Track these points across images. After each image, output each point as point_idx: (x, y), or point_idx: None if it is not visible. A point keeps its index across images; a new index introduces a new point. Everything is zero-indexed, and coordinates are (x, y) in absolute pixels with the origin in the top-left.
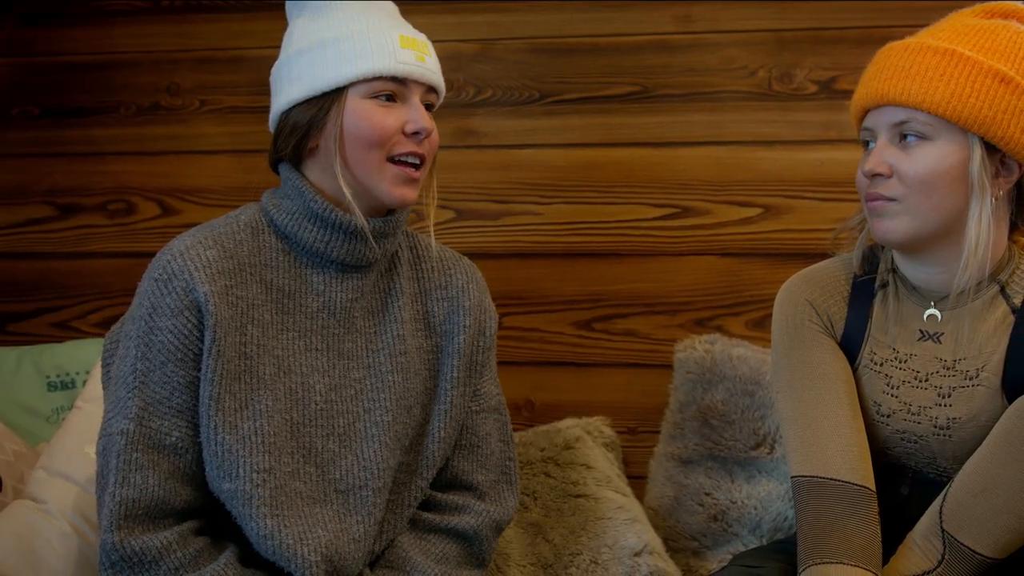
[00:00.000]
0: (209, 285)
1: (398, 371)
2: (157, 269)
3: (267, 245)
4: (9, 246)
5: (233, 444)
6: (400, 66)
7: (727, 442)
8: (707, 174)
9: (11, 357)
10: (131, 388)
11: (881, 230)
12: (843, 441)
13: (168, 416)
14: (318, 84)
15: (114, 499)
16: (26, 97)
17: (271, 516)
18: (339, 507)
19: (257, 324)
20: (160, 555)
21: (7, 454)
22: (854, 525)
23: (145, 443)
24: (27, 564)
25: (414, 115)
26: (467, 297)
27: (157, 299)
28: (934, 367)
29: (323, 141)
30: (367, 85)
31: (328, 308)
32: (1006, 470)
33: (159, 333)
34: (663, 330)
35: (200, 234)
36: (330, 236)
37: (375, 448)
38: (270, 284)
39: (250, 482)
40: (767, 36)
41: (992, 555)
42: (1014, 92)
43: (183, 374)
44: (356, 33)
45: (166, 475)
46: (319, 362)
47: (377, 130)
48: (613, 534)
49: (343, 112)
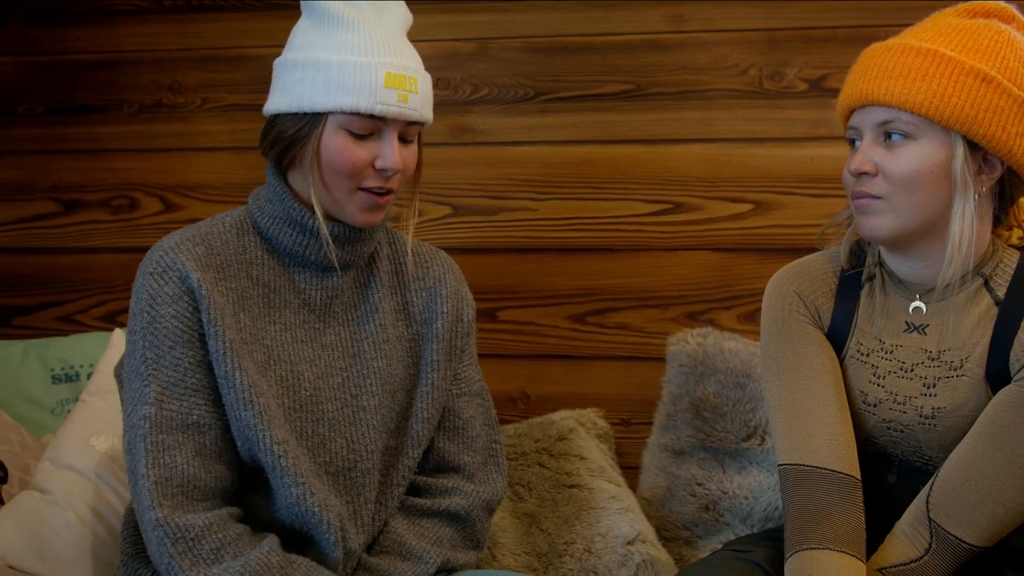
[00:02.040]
0: (201, 273)
1: (381, 358)
2: (151, 264)
3: (251, 244)
4: (15, 241)
5: (251, 418)
6: (378, 106)
7: (719, 433)
8: (699, 171)
9: (16, 350)
10: (145, 376)
11: (867, 227)
12: (829, 431)
13: (186, 396)
14: (303, 103)
15: (148, 479)
16: (31, 95)
17: (295, 485)
18: (332, 487)
19: (248, 313)
20: (202, 533)
21: (12, 445)
22: (840, 513)
23: (168, 424)
24: (34, 553)
25: (385, 152)
26: (444, 286)
27: (155, 289)
28: (919, 358)
29: (303, 155)
30: (345, 117)
31: (308, 305)
32: (991, 459)
33: (162, 320)
34: (656, 323)
35: (188, 233)
36: (308, 241)
37: (363, 431)
38: (256, 280)
39: (271, 454)
40: (758, 35)
41: (978, 543)
42: (995, 91)
43: (192, 355)
44: (346, 64)
45: (193, 453)
46: (305, 353)
47: (347, 164)
48: (606, 523)
49: (321, 137)
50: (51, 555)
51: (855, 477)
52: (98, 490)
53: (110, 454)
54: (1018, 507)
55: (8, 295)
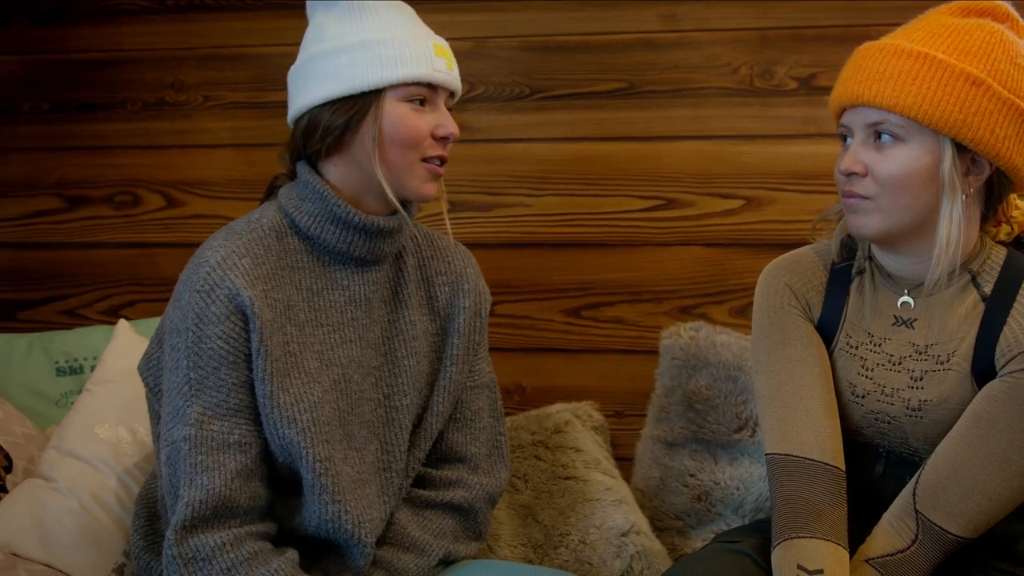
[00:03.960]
0: (251, 290)
1: (412, 355)
2: (198, 282)
3: (292, 248)
4: (20, 236)
5: (294, 437)
6: (436, 74)
7: (711, 425)
8: (691, 167)
9: (22, 343)
10: (187, 396)
11: (856, 225)
12: (817, 423)
13: (228, 417)
14: (358, 83)
15: (181, 500)
16: (36, 93)
17: (332, 503)
18: (376, 488)
19: (295, 323)
20: (213, 553)
21: (17, 436)
22: (825, 502)
23: (208, 445)
24: (38, 540)
25: (444, 120)
26: (466, 280)
27: (202, 309)
28: (907, 351)
29: (358, 139)
30: (404, 89)
31: (354, 301)
32: (977, 452)
33: (208, 340)
34: (649, 317)
35: (230, 244)
36: (352, 236)
37: (396, 431)
38: (299, 285)
39: (312, 472)
40: (749, 35)
41: (964, 535)
42: (985, 95)
43: (236, 375)
44: (398, 39)
45: (232, 474)
46: (354, 352)
47: (412, 134)
48: (601, 515)
49: (382, 113)
50: (54, 542)
51: (840, 469)
52: (101, 478)
53: (113, 442)
54: (1003, 499)
55: (13, 289)
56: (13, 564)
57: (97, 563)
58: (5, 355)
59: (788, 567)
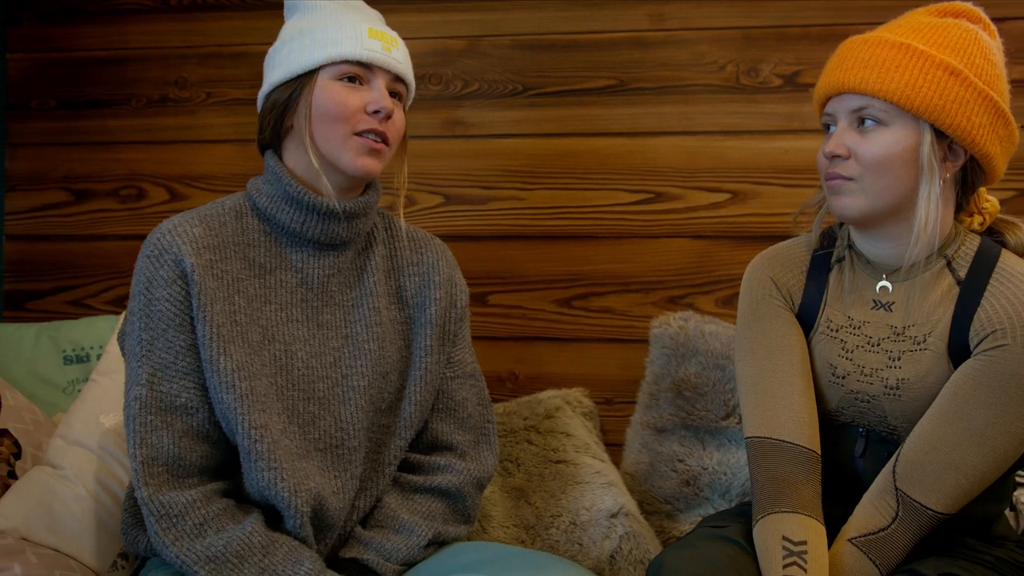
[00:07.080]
0: (195, 258)
1: (374, 340)
2: (149, 247)
3: (249, 227)
4: (28, 229)
5: (231, 402)
6: (365, 52)
7: (699, 412)
8: (679, 162)
9: (30, 333)
10: (139, 357)
11: (838, 206)
12: (795, 408)
13: (176, 379)
14: (294, 68)
15: (135, 460)
16: (44, 90)
17: (268, 469)
18: (320, 463)
19: (243, 295)
20: (184, 510)
21: (26, 423)
22: (802, 482)
23: (157, 406)
24: (45, 526)
25: (375, 96)
26: (437, 272)
27: (152, 272)
28: (885, 333)
29: (296, 119)
30: (335, 68)
31: (306, 283)
32: (953, 428)
33: (157, 303)
34: (638, 307)
35: (187, 215)
36: (305, 217)
37: (351, 410)
38: (252, 261)
39: (248, 438)
40: (735, 33)
41: (943, 511)
42: (962, 84)
43: (184, 338)
44: (330, 24)
45: (180, 434)
46: (300, 332)
47: (340, 107)
48: (591, 497)
49: (313, 91)
50: (61, 527)
51: (816, 452)
52: (106, 465)
53: (117, 431)
54: (979, 474)
55: (22, 280)
56: (23, 548)
57: (103, 548)
58: (15, 344)
59: (774, 539)
